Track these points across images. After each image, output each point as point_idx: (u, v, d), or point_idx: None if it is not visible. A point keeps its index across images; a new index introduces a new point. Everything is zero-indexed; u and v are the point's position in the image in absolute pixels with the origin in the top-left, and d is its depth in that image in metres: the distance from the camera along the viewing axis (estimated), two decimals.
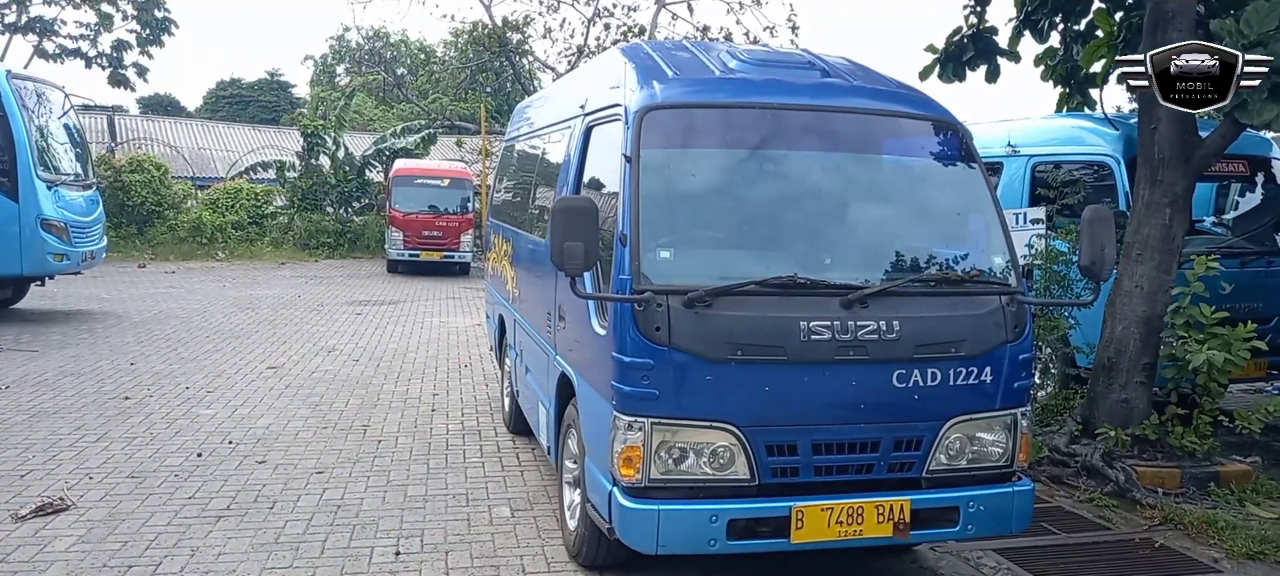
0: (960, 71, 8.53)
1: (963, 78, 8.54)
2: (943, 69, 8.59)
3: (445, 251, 20.40)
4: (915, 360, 3.94)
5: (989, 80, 8.54)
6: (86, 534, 4.96)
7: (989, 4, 8.47)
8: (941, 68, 8.59)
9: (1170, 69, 5.62)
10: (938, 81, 8.65)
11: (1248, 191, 9.35)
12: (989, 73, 8.53)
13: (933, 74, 8.65)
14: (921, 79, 8.69)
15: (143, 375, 8.94)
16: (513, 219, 7.05)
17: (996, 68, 8.51)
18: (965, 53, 8.49)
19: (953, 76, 8.55)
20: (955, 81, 8.57)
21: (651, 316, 3.74)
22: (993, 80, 8.54)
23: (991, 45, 8.48)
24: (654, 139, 4.06)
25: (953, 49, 8.55)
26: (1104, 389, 6.66)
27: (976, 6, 8.48)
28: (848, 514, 3.90)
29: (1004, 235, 4.33)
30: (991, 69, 8.51)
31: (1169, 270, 6.52)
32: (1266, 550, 5.18)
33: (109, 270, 17.60)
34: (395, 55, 37.56)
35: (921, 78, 8.69)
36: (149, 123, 34.62)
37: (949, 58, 8.55)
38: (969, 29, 8.53)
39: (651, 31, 24.65)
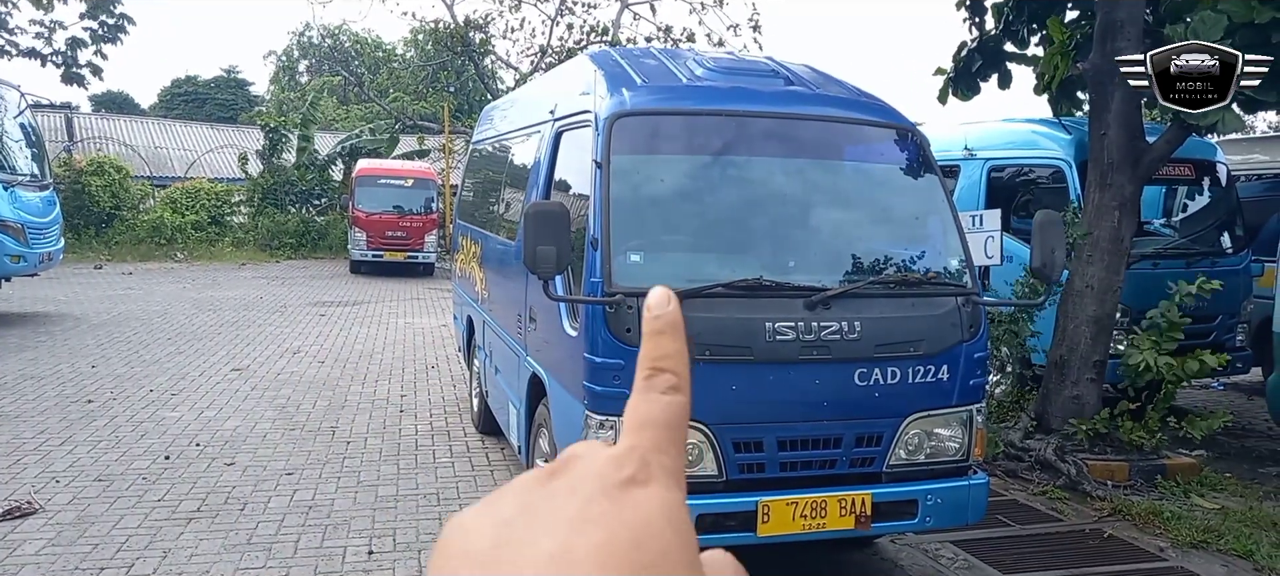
0: (974, 85, 8.36)
1: (977, 91, 8.36)
2: (956, 87, 8.41)
3: (409, 252, 20.31)
4: (876, 359, 4.10)
5: (1002, 86, 8.38)
6: (56, 537, 4.96)
7: (986, 12, 8.32)
8: (954, 86, 8.41)
9: (1170, 69, 5.76)
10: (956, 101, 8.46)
11: (1195, 194, 9.68)
12: (1001, 80, 8.35)
13: (949, 97, 8.45)
14: (941, 103, 8.50)
15: (104, 378, 8.87)
16: (482, 221, 7.12)
17: (1008, 74, 8.32)
18: (974, 63, 8.32)
19: (967, 93, 8.37)
20: (971, 96, 8.38)
21: (622, 318, 3.86)
22: (1006, 86, 8.34)
23: (999, 52, 8.30)
24: (624, 145, 4.18)
25: (961, 64, 8.38)
26: (1056, 385, 6.89)
27: (975, 17, 8.33)
28: (811, 508, 4.04)
29: (960, 238, 4.51)
30: (1003, 76, 8.33)
31: (1118, 270, 6.76)
32: (1209, 539, 5.41)
33: (66, 271, 17.31)
34: (355, 51, 37.29)
35: (940, 101, 8.49)
36: (104, 121, 33.97)
37: (960, 75, 8.37)
38: (972, 41, 8.36)
39: (615, 32, 24.72)
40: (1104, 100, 6.75)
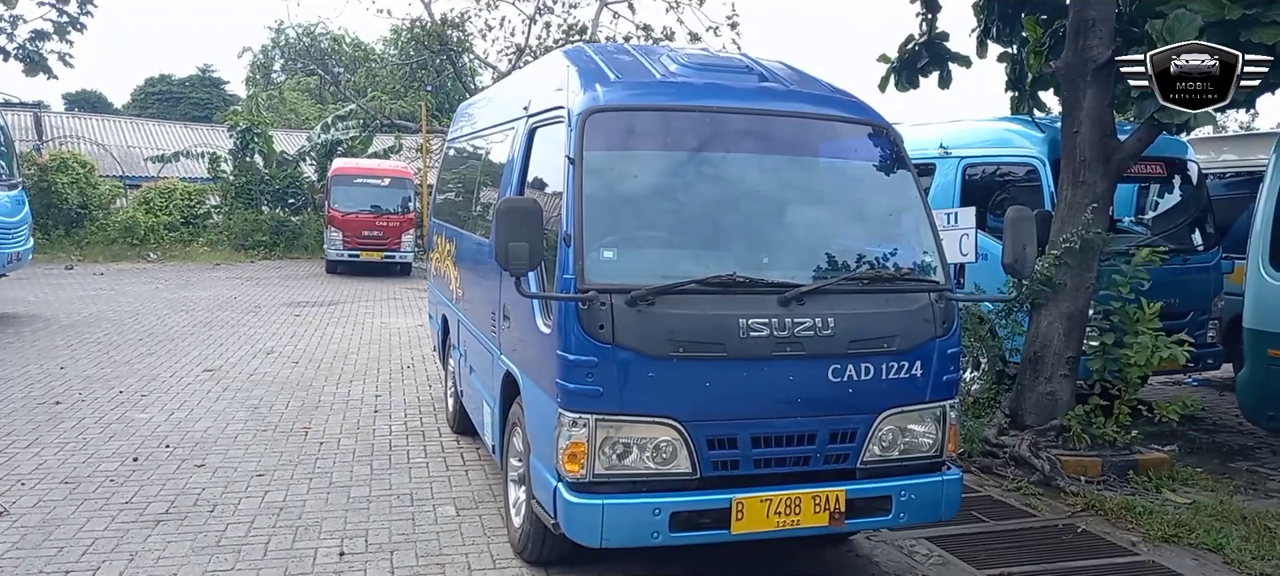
0: (914, 79, 8.48)
1: (916, 85, 8.50)
2: (897, 78, 8.52)
3: (386, 251, 20.20)
4: (849, 355, 4.09)
5: (942, 86, 8.47)
6: (21, 540, 4.87)
7: (939, 11, 8.43)
8: (897, 77, 8.53)
9: (1170, 69, 5.79)
10: (894, 91, 8.57)
11: (1167, 192, 9.78)
12: (942, 78, 8.47)
13: (889, 84, 8.58)
14: (881, 90, 8.59)
15: (73, 379, 8.73)
16: (456, 219, 7.07)
17: (949, 74, 8.46)
18: (919, 59, 8.42)
19: (907, 84, 8.49)
20: (910, 89, 8.50)
21: (595, 315, 3.82)
22: (945, 86, 8.46)
23: (943, 51, 8.42)
24: (597, 141, 4.14)
25: (907, 56, 8.49)
26: (1030, 382, 6.93)
27: (928, 15, 8.43)
28: (786, 504, 4.02)
29: (933, 234, 4.51)
30: (944, 75, 8.46)
31: (1090, 267, 6.80)
32: (1180, 533, 5.45)
33: (35, 271, 17.09)
34: (331, 49, 36.95)
35: (880, 89, 8.58)
36: (76, 120, 33.59)
37: (903, 66, 8.50)
38: (921, 37, 8.45)
39: (593, 30, 24.65)
40: (1076, 99, 6.78)
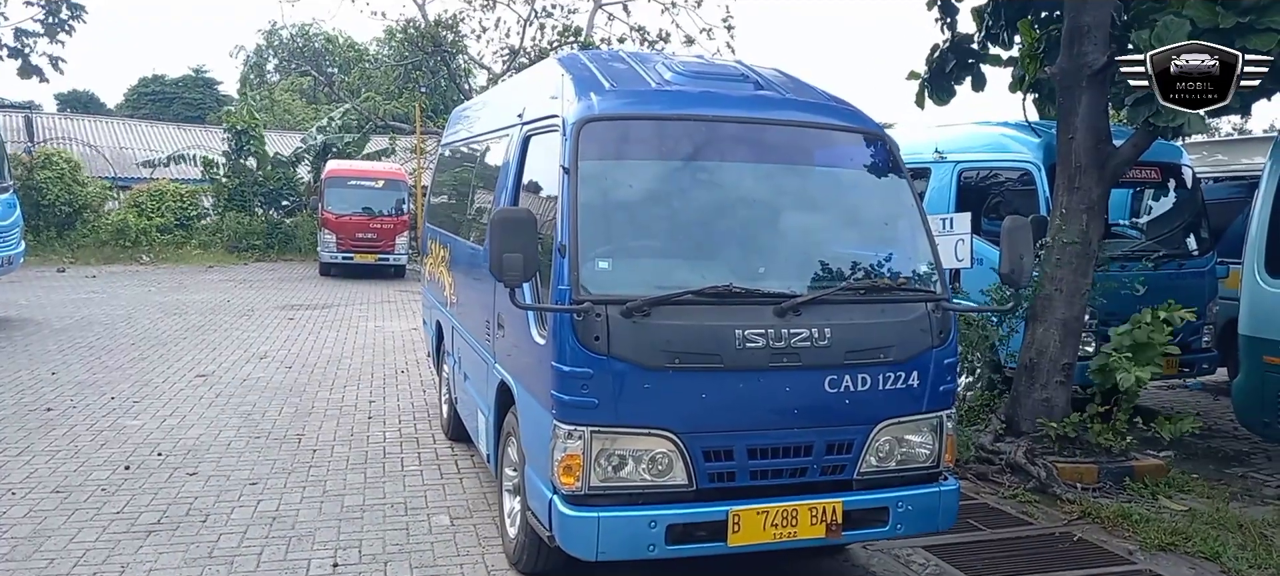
0: (949, 88, 8.25)
1: (953, 94, 8.27)
2: (931, 90, 8.28)
3: (380, 254, 20.15)
4: (846, 366, 4.07)
5: (976, 89, 8.26)
6: (10, 552, 4.82)
7: (958, 13, 8.23)
8: (930, 89, 8.29)
9: (1170, 69, 5.77)
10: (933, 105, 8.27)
11: (1161, 196, 9.78)
12: (975, 82, 8.25)
13: (925, 100, 8.33)
14: (918, 107, 8.39)
15: (65, 385, 8.68)
16: (450, 224, 7.03)
17: (981, 76, 8.26)
18: (947, 64, 8.20)
19: (943, 96, 8.24)
20: (946, 100, 8.24)
21: (591, 326, 3.80)
22: (980, 88, 8.25)
23: (970, 53, 8.23)
24: (592, 150, 4.11)
25: (934, 66, 8.26)
26: (1026, 388, 6.92)
27: (947, 18, 8.24)
28: (782, 516, 4.00)
29: (929, 244, 4.49)
30: (976, 78, 8.25)
31: (1086, 273, 6.80)
32: (1177, 541, 5.44)
33: (27, 274, 17.01)
34: (325, 50, 36.88)
35: (918, 106, 8.38)
36: (68, 121, 33.43)
37: (933, 76, 8.27)
38: (945, 43, 8.28)
39: (588, 32, 24.64)
40: (1071, 104, 6.78)
